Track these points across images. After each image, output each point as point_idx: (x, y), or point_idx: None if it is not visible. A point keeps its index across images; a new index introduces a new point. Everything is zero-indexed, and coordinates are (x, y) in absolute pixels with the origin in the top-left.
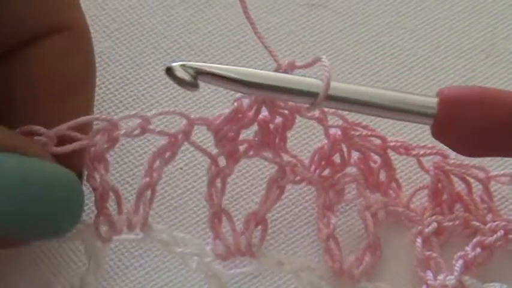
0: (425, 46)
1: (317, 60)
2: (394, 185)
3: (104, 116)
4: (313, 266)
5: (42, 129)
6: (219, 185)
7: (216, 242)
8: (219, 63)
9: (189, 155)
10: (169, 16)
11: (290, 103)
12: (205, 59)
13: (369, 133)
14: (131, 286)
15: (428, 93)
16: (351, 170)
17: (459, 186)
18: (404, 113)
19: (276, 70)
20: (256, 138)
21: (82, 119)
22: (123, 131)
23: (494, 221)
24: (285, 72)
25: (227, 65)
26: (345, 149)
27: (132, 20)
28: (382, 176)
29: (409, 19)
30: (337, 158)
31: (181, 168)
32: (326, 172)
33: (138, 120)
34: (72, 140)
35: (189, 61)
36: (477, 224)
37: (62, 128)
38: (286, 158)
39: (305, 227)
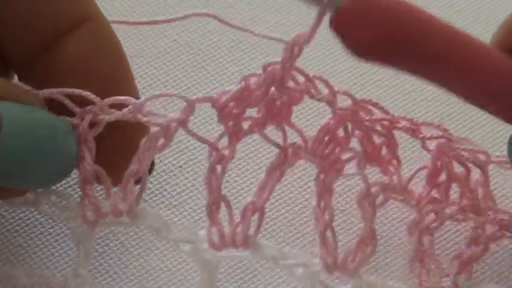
0: None
1: None
2: (394, 161)
3: (93, 96)
4: (308, 261)
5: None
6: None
7: (212, 230)
8: (218, 62)
9: (188, 153)
10: (169, 16)
11: (300, 85)
12: (204, 58)
13: (378, 117)
14: (130, 285)
15: (429, 91)
16: (353, 143)
17: (458, 169)
18: None
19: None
20: (260, 114)
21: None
22: (108, 116)
23: (489, 214)
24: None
25: (226, 64)
26: (350, 126)
27: (131, 20)
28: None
29: None
30: (340, 132)
31: (180, 167)
32: (329, 147)
33: (130, 106)
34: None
35: (188, 60)
36: (473, 216)
37: (114, 99)
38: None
39: (304, 225)
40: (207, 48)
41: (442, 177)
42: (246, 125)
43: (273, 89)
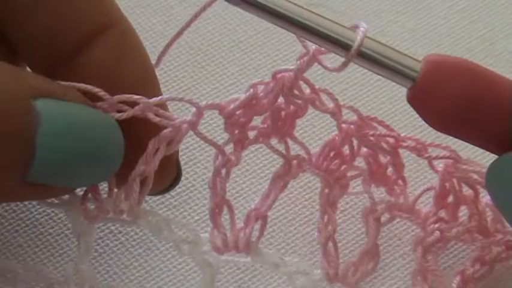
0: (425, 45)
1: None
2: (400, 182)
3: (103, 93)
4: (308, 270)
5: (104, 94)
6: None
7: (214, 232)
8: (218, 62)
9: (188, 154)
10: (169, 16)
11: (307, 94)
12: (204, 58)
13: (383, 133)
14: (131, 286)
15: None
16: (359, 161)
17: (468, 190)
18: (386, 68)
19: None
20: (266, 125)
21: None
22: (119, 114)
23: (496, 235)
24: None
25: (226, 64)
26: (355, 143)
27: (131, 20)
28: (390, 169)
29: (408, 18)
30: (346, 149)
31: None
32: (334, 163)
33: (140, 104)
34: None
35: (188, 60)
36: (480, 237)
37: (124, 96)
38: (292, 149)
39: (305, 225)
40: (207, 48)
41: (451, 198)
42: (251, 134)
43: (279, 99)
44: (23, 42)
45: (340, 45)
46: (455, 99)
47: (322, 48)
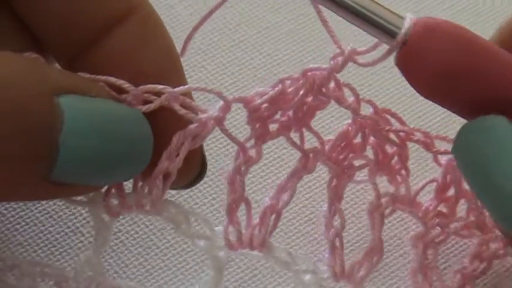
0: None
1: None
2: (403, 171)
3: (127, 85)
4: (317, 269)
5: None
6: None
7: (229, 228)
8: (219, 62)
9: None
10: (169, 15)
11: (334, 92)
12: (205, 57)
13: (397, 128)
14: (131, 285)
15: None
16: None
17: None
18: (376, 28)
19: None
20: (286, 117)
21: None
22: (146, 107)
23: (494, 231)
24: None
25: (226, 64)
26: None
27: None
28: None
29: None
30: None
31: None
32: (343, 153)
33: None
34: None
35: (188, 60)
36: (478, 233)
37: (148, 87)
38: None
39: (305, 225)
40: (207, 48)
41: (451, 191)
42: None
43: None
44: (43, 32)
45: (386, 31)
46: (442, 65)
47: (357, 49)
